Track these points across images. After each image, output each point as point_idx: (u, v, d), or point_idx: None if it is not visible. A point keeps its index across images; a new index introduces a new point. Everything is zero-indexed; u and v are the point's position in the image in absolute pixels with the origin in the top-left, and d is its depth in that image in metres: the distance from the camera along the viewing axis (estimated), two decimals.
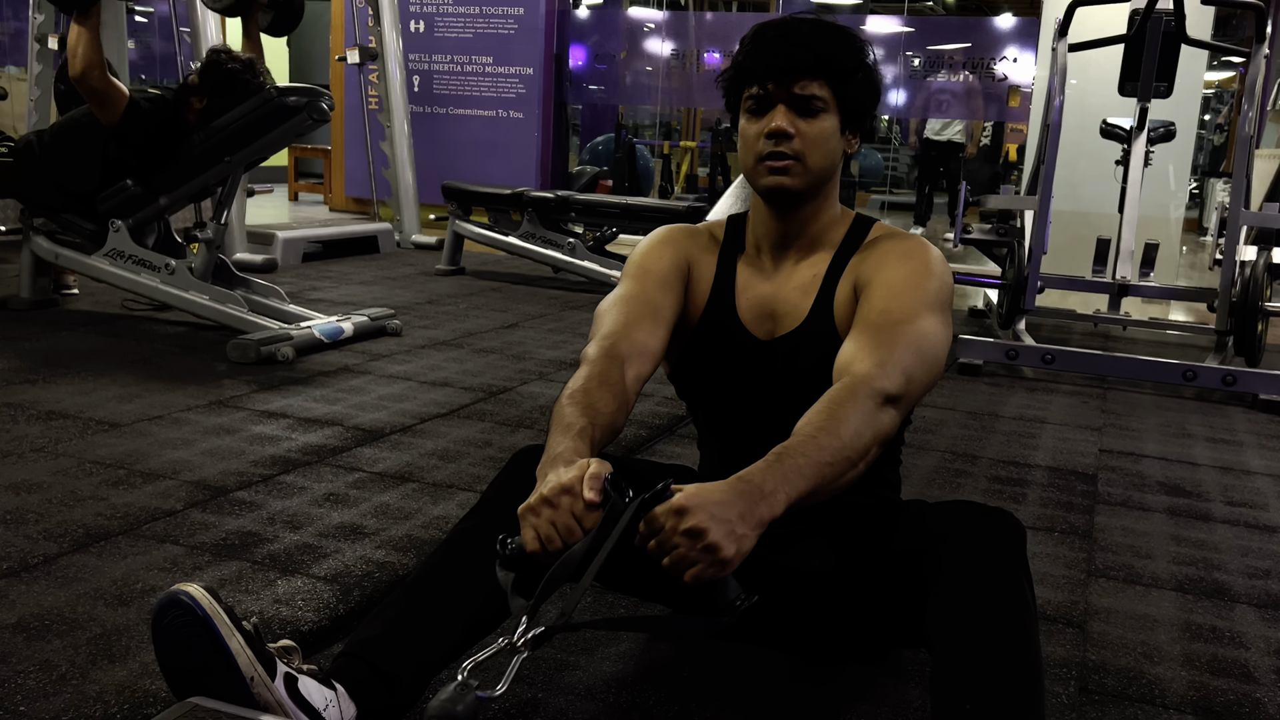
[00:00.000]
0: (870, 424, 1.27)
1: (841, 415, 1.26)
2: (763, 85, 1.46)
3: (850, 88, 1.47)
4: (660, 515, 1.14)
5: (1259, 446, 3.25)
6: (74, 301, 4.39)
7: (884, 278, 1.46)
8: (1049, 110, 4.44)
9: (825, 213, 1.55)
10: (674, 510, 1.13)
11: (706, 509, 1.12)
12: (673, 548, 1.12)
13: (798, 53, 1.43)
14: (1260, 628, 1.95)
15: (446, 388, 3.33)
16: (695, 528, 1.11)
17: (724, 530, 1.11)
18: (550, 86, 8.33)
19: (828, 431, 1.24)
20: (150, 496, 2.24)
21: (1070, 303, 5.48)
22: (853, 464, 1.25)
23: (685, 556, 1.11)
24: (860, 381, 1.31)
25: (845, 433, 1.24)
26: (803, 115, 1.45)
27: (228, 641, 1.18)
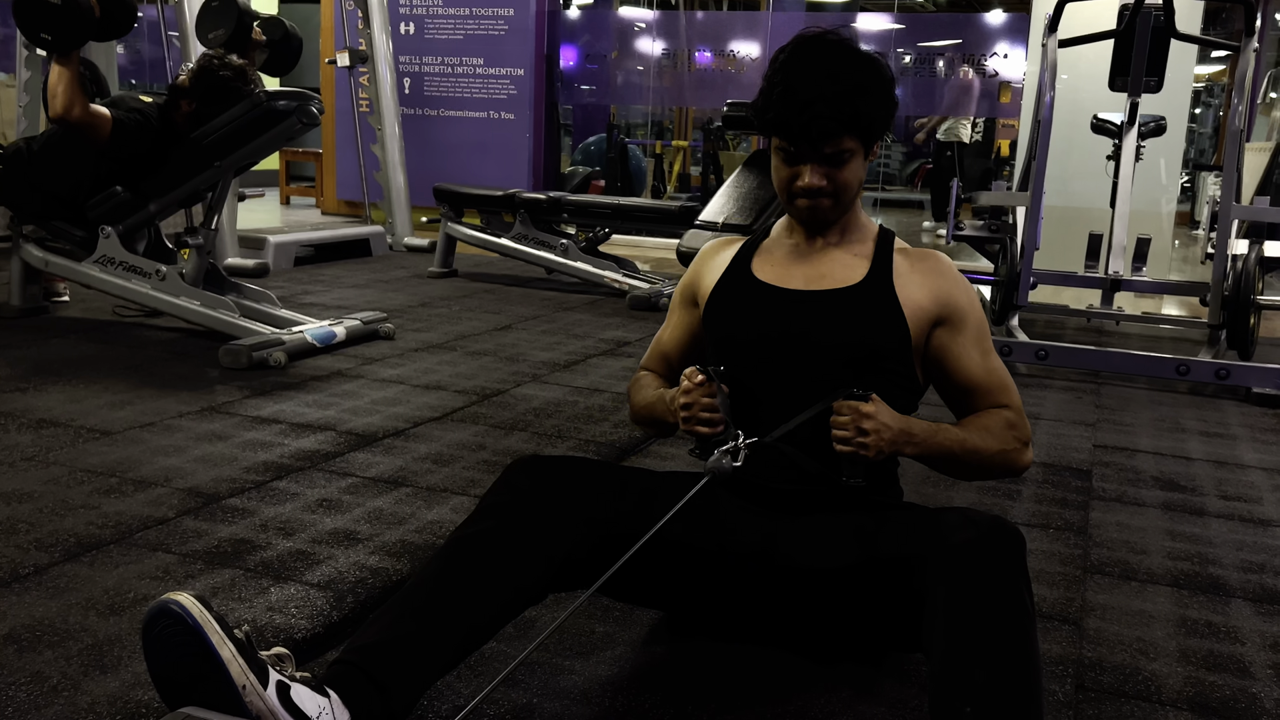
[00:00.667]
0: (1008, 458, 1.62)
1: (1004, 438, 1.61)
2: (793, 143, 1.56)
3: (876, 129, 1.58)
4: (855, 407, 1.49)
5: (1252, 440, 3.25)
6: (65, 309, 4.37)
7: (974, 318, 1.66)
8: (1040, 106, 4.45)
9: (854, 217, 1.69)
10: (863, 411, 1.49)
11: (881, 418, 1.49)
12: (845, 427, 1.49)
13: (828, 123, 1.52)
14: (1255, 622, 1.95)
15: (440, 391, 3.32)
16: (866, 427, 1.48)
17: (878, 437, 1.49)
18: (541, 87, 8.32)
19: (989, 434, 1.60)
20: (142, 504, 2.23)
21: (1063, 298, 5.48)
22: (974, 469, 1.62)
23: (846, 437, 1.49)
24: (1020, 424, 1.64)
25: (994, 447, 1.60)
26: (833, 165, 1.57)
27: (219, 650, 1.17)
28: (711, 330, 1.72)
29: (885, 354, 1.60)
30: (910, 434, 1.52)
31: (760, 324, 1.64)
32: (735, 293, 1.70)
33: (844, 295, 1.63)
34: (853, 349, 1.59)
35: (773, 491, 1.60)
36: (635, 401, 1.80)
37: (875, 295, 1.62)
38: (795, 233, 1.71)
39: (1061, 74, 5.66)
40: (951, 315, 1.65)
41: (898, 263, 1.66)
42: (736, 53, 8.57)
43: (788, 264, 1.69)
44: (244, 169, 4.06)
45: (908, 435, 1.52)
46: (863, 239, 1.69)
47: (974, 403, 1.66)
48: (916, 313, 1.62)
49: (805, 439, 1.56)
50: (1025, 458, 1.63)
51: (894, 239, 1.71)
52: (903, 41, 8.30)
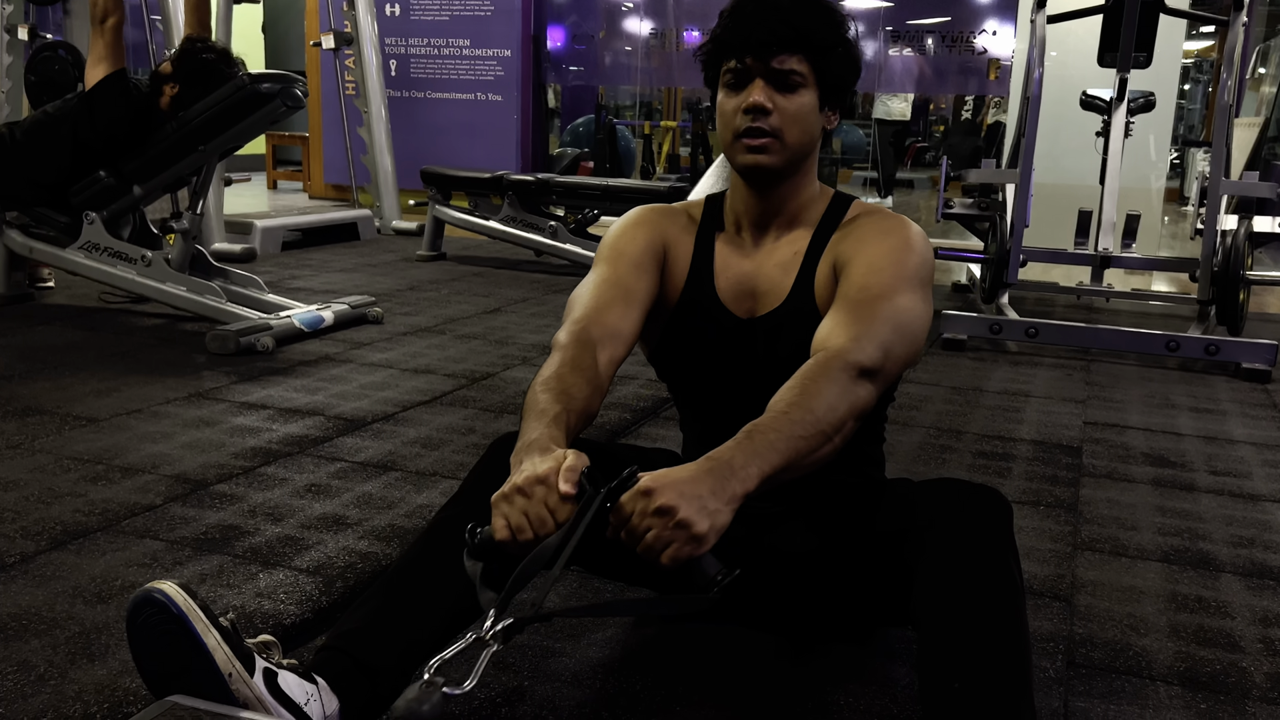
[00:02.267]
0: (845, 398, 1.26)
1: (814, 389, 1.25)
2: (740, 59, 1.44)
3: (830, 62, 1.45)
4: (627, 501, 1.13)
5: (1242, 415, 3.25)
6: (50, 295, 4.34)
7: (864, 255, 1.45)
8: (1029, 83, 4.43)
9: (804, 190, 1.54)
10: (640, 493, 1.12)
11: (674, 487, 1.12)
12: (645, 530, 1.11)
13: (777, 27, 1.41)
14: (1245, 597, 1.96)
15: (429, 375, 3.30)
16: (664, 506, 1.10)
17: (695, 506, 1.11)
18: (528, 68, 8.26)
19: (800, 406, 1.23)
20: (129, 491, 2.22)
21: (1053, 276, 5.48)
22: (827, 438, 1.24)
23: (659, 537, 1.11)
24: (835, 355, 1.30)
25: (819, 407, 1.23)
26: (781, 90, 1.43)
27: (204, 638, 1.16)
28: (670, 351, 1.61)
29: None
30: (724, 466, 1.15)
31: (715, 355, 1.56)
32: (699, 316, 1.56)
33: (774, 320, 1.51)
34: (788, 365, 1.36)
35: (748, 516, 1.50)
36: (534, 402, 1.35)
37: (798, 311, 1.49)
38: (743, 220, 1.56)
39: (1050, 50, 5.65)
40: (840, 266, 1.45)
41: (830, 246, 1.50)
42: None
43: (740, 275, 1.55)
44: (229, 153, 4.02)
45: (723, 471, 1.15)
46: (810, 221, 1.54)
47: None
48: (826, 299, 1.46)
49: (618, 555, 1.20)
50: (862, 392, 1.29)
51: (844, 214, 1.54)
52: (891, 19, 8.26)
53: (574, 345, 1.42)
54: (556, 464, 1.17)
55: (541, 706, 1.50)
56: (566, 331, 1.45)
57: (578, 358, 1.40)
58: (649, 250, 1.56)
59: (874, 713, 1.51)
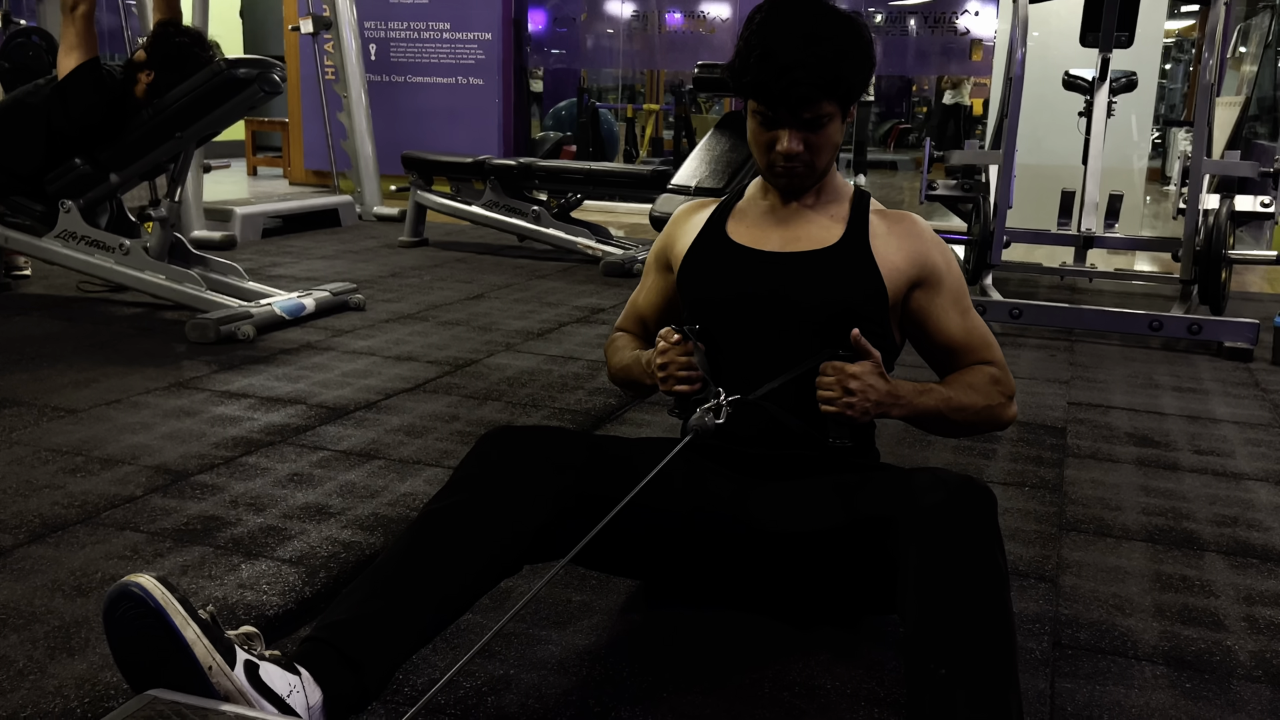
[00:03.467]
0: (993, 413, 1.64)
1: (989, 394, 1.62)
2: (772, 109, 1.54)
3: (855, 93, 1.56)
4: (841, 367, 1.50)
5: (1224, 394, 3.27)
6: (27, 285, 4.29)
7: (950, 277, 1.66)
8: (1011, 63, 4.42)
9: (829, 179, 1.68)
10: (849, 371, 1.50)
11: (867, 379, 1.50)
12: (831, 389, 1.50)
13: (806, 90, 1.50)
14: (1229, 575, 1.96)
15: (411, 362, 3.28)
16: (853, 388, 1.49)
17: (864, 398, 1.50)
18: (510, 52, 8.20)
19: (974, 391, 1.61)
20: (109, 483, 2.19)
21: (1037, 256, 5.49)
22: (960, 426, 1.63)
23: (832, 397, 1.50)
24: (1004, 379, 1.65)
25: (979, 403, 1.61)
26: (811, 130, 1.55)
27: (182, 632, 1.15)
28: (686, 292, 1.71)
29: (861, 314, 1.59)
30: (897, 395, 1.53)
31: (736, 285, 1.64)
32: (710, 255, 1.69)
33: (820, 256, 1.62)
34: (829, 309, 1.58)
35: (748, 456, 1.59)
36: (612, 363, 1.81)
37: (852, 256, 1.62)
38: (770, 194, 1.70)
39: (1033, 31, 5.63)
40: (929, 277, 1.65)
41: (874, 224, 1.66)
42: (707, 14, 8.49)
43: (763, 226, 1.68)
44: (206, 139, 3.98)
45: (894, 396, 1.53)
46: (838, 200, 1.68)
47: (956, 361, 1.67)
48: (893, 273, 1.62)
49: (787, 400, 1.56)
50: (1010, 411, 1.65)
51: (870, 200, 1.70)
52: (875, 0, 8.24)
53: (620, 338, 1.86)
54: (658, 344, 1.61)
55: (528, 695, 1.49)
56: (616, 324, 1.91)
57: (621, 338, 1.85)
58: (660, 250, 1.80)
59: (861, 696, 1.51)
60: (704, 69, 5.27)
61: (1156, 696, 1.54)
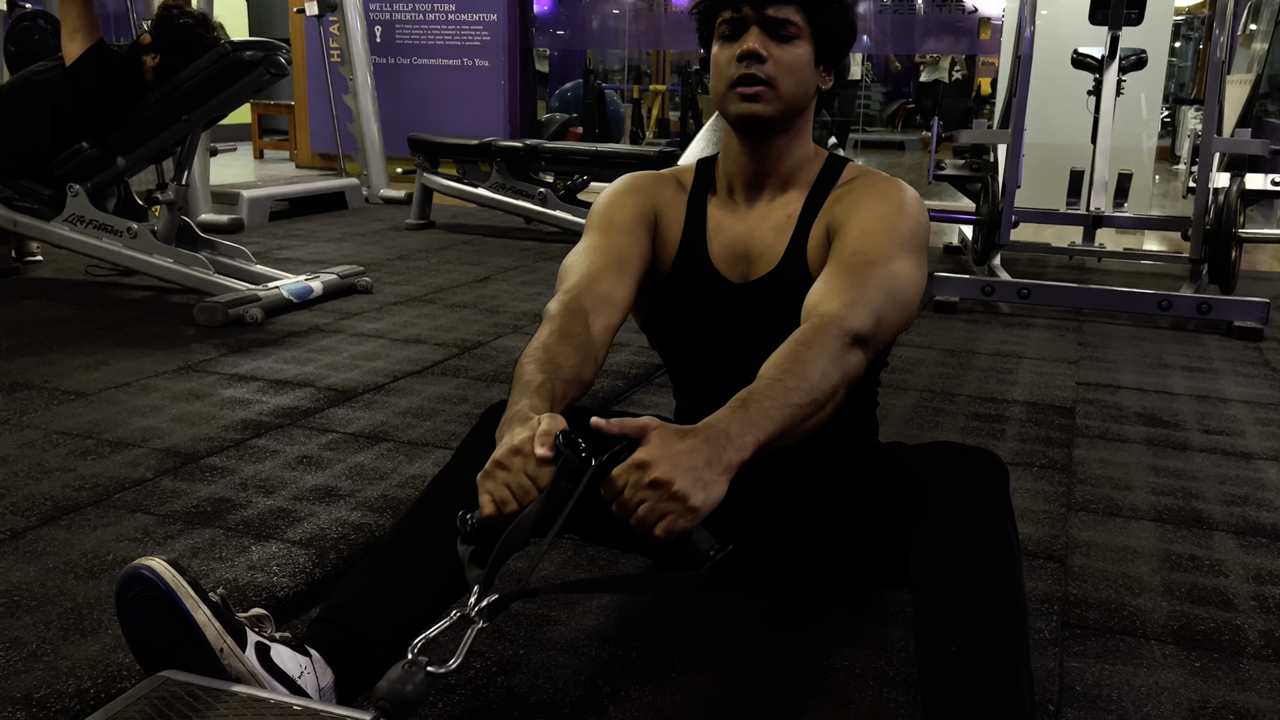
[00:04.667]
0: (838, 365, 1.25)
1: (808, 356, 1.23)
2: (736, 9, 1.42)
3: (824, 15, 1.44)
4: (621, 473, 1.11)
5: (1234, 374, 3.25)
6: (38, 269, 4.30)
7: (857, 218, 1.43)
8: (1020, 42, 4.39)
9: (798, 149, 1.52)
10: (635, 465, 1.09)
11: (669, 459, 1.09)
12: (639, 503, 1.09)
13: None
14: (1238, 554, 1.96)
15: (419, 344, 3.28)
16: (659, 479, 1.08)
17: (690, 478, 1.08)
18: (515, 33, 8.17)
19: (794, 373, 1.21)
20: (119, 466, 2.20)
21: (1045, 236, 5.46)
22: (820, 405, 1.22)
23: (654, 509, 1.08)
24: (828, 322, 1.28)
25: (812, 374, 1.21)
26: (776, 40, 1.42)
27: (193, 614, 1.15)
28: (663, 319, 1.60)
29: None
30: (720, 434, 1.13)
31: (709, 320, 1.54)
32: (692, 283, 1.54)
33: (768, 284, 1.49)
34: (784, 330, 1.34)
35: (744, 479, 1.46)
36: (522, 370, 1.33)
37: (791, 274, 1.48)
38: (736, 183, 1.55)
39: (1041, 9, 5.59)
40: (833, 230, 1.44)
41: (822, 215, 1.48)
42: None
43: (733, 239, 1.53)
44: (213, 122, 3.98)
45: (719, 439, 1.12)
46: (804, 183, 1.52)
47: None
48: (819, 266, 1.43)
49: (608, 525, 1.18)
50: (854, 359, 1.28)
51: (839, 176, 1.52)
52: None
53: (564, 314, 1.39)
54: (532, 431, 1.15)
55: (537, 675, 1.50)
56: (557, 301, 1.43)
57: (567, 326, 1.37)
58: (639, 216, 1.54)
59: (870, 676, 1.51)
60: None
61: (1166, 675, 1.54)
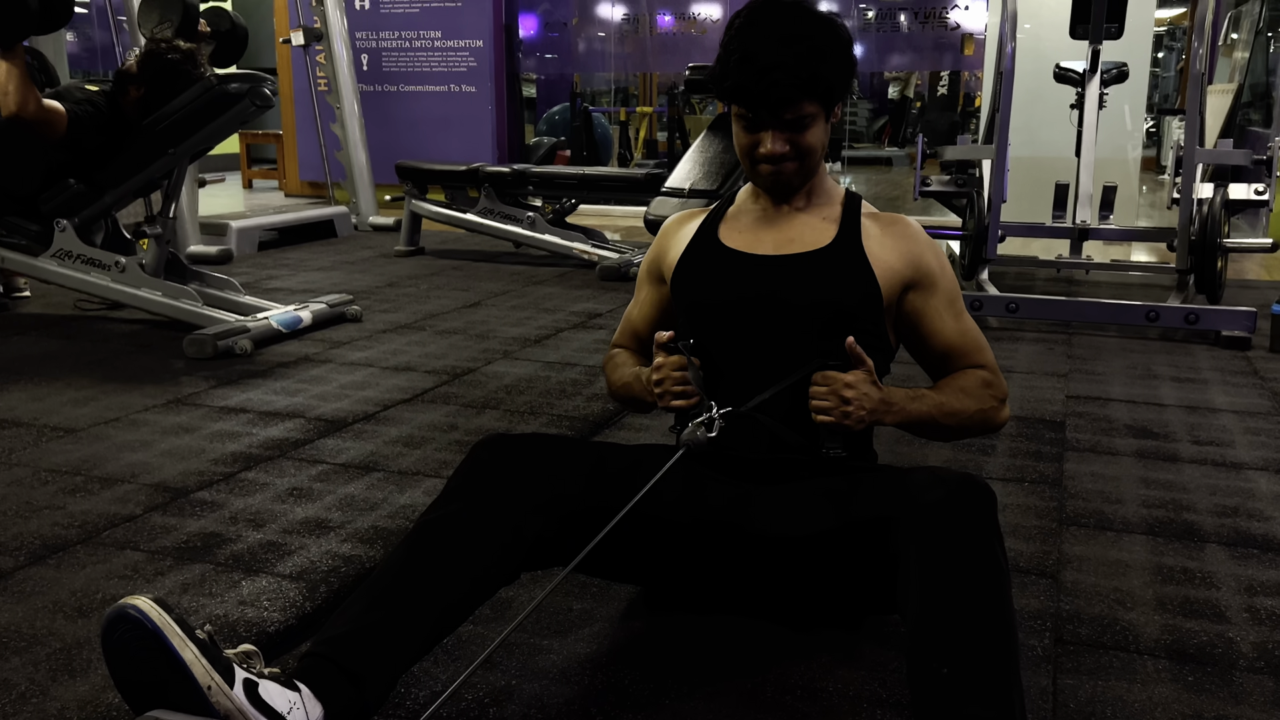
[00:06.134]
0: (986, 416, 1.64)
1: (981, 398, 1.63)
2: (753, 110, 1.55)
3: (836, 93, 1.56)
4: (835, 377, 1.50)
5: (1223, 383, 3.26)
6: (25, 304, 4.30)
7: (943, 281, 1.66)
8: (1001, 57, 4.42)
9: (819, 182, 1.68)
10: (844, 381, 1.50)
11: (861, 391, 1.50)
12: (826, 399, 1.50)
13: (786, 90, 1.50)
14: (1230, 566, 1.96)
15: (409, 372, 3.28)
16: (849, 397, 1.49)
17: (858, 407, 1.50)
18: (501, 58, 8.20)
19: (966, 395, 1.62)
20: (108, 502, 2.20)
21: (1033, 249, 5.48)
22: (953, 430, 1.63)
23: (828, 407, 1.50)
24: (995, 382, 1.66)
25: (971, 408, 1.62)
26: (794, 130, 1.56)
27: (180, 653, 1.15)
28: (680, 298, 1.71)
29: (856, 315, 1.59)
30: (890, 403, 1.54)
31: (730, 289, 1.64)
32: (703, 260, 1.69)
33: (814, 258, 1.62)
34: (823, 310, 1.58)
35: (746, 461, 1.59)
36: (612, 381, 1.80)
37: (845, 257, 1.62)
38: (761, 198, 1.70)
39: (1024, 23, 5.64)
40: (923, 279, 1.65)
41: (866, 226, 1.66)
42: (698, 15, 8.48)
43: (755, 230, 1.68)
44: (200, 154, 3.98)
45: (888, 404, 1.53)
46: (830, 202, 1.69)
47: (949, 365, 1.67)
48: (887, 274, 1.62)
49: (781, 409, 1.56)
50: (1002, 414, 1.66)
51: (861, 202, 1.70)
52: None
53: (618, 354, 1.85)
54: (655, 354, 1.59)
55: (530, 705, 1.49)
56: (613, 340, 1.90)
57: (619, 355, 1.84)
58: (652, 261, 1.80)
59: (864, 698, 1.51)
60: (695, 70, 5.28)
61: (1159, 690, 1.54)
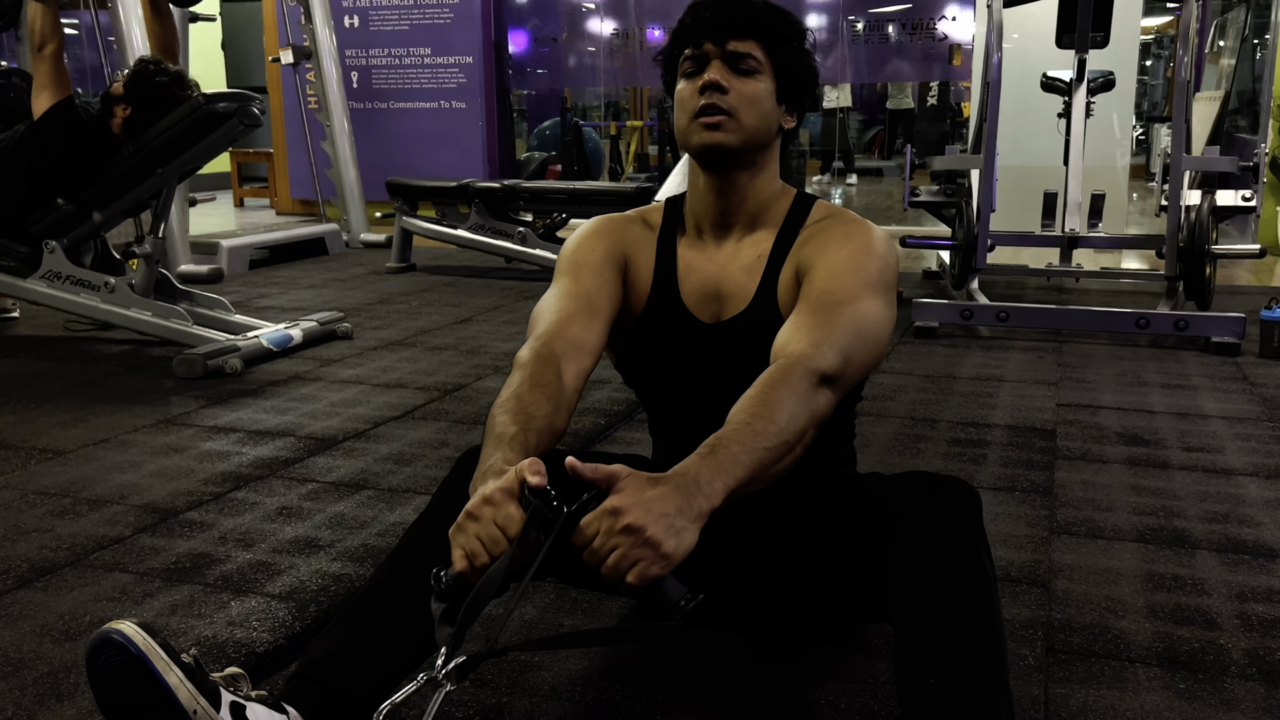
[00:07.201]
0: (806, 405, 1.25)
1: (776, 398, 1.23)
2: (697, 45, 1.47)
3: (784, 53, 1.49)
4: (592, 520, 1.10)
5: (1213, 390, 3.27)
6: (14, 326, 4.29)
7: (826, 259, 1.44)
8: (988, 67, 4.44)
9: (765, 187, 1.53)
10: (607, 512, 1.09)
11: (641, 505, 1.09)
12: (611, 549, 1.09)
13: (733, 12, 1.46)
14: (1220, 572, 1.96)
15: (400, 389, 3.28)
16: (631, 524, 1.08)
17: (663, 525, 1.08)
18: (491, 74, 8.23)
19: (762, 416, 1.21)
20: (97, 524, 2.19)
21: (1022, 258, 5.50)
22: (789, 447, 1.22)
23: (625, 556, 1.08)
24: (795, 362, 1.28)
25: (781, 417, 1.22)
26: (738, 73, 1.46)
27: (165, 677, 1.14)
28: (637, 360, 1.61)
29: None
30: (690, 482, 1.13)
31: (682, 361, 1.55)
32: (665, 324, 1.55)
33: (740, 324, 1.50)
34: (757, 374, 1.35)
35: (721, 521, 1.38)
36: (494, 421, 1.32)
37: (762, 315, 1.49)
38: (705, 223, 1.55)
39: (1011, 33, 5.66)
40: (802, 273, 1.45)
41: (792, 255, 1.49)
42: None
43: (704, 280, 1.54)
44: (189, 174, 3.98)
45: (689, 486, 1.12)
46: (773, 223, 1.53)
47: None
48: (789, 305, 1.44)
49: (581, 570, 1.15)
50: (822, 399, 1.28)
51: (807, 215, 1.53)
52: (852, 9, 8.27)
53: (535, 362, 1.39)
54: (507, 483, 1.14)
55: None
56: (528, 348, 1.43)
57: (539, 374, 1.37)
58: (609, 259, 1.55)
59: (855, 710, 1.51)
60: None
61: (1151, 698, 1.54)
